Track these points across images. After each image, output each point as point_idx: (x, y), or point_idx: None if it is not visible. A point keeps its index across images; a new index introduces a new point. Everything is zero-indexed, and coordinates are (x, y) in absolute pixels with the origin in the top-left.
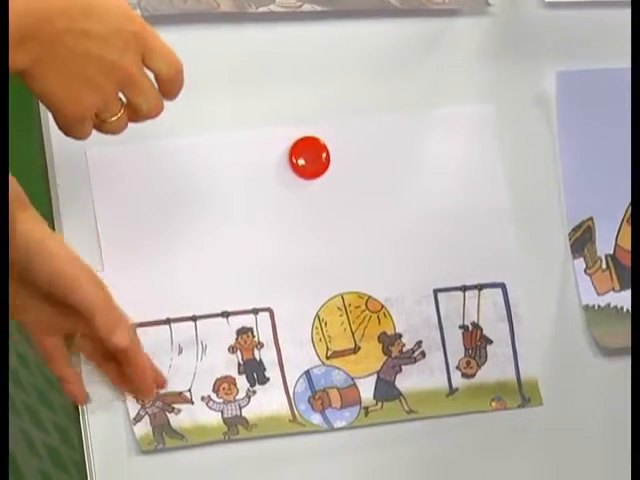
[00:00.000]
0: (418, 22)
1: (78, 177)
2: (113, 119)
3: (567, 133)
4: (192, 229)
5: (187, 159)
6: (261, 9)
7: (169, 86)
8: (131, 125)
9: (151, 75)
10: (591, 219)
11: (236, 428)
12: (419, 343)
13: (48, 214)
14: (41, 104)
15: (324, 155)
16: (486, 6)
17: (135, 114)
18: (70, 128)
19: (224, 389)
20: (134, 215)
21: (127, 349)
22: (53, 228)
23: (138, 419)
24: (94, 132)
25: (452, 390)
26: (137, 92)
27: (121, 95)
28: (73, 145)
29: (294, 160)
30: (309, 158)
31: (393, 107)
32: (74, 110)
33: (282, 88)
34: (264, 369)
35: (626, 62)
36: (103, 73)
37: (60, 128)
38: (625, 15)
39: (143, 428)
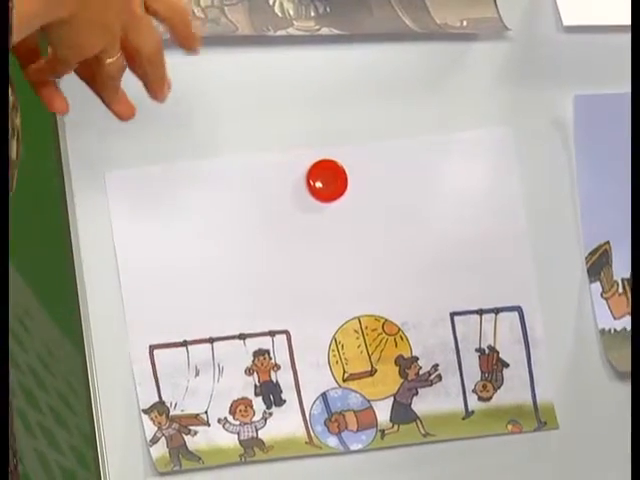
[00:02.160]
0: (436, 46)
1: (96, 200)
2: (110, 60)
3: (584, 157)
4: (209, 251)
5: (204, 182)
6: (279, 32)
7: (174, 26)
8: (149, 148)
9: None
10: (608, 243)
11: (252, 450)
12: (435, 366)
13: (66, 236)
14: (60, 123)
15: (342, 178)
16: (504, 30)
17: (135, 57)
18: (69, 67)
19: (240, 411)
20: (152, 237)
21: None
22: (71, 250)
23: (155, 441)
24: (111, 154)
25: (468, 413)
26: (139, 33)
27: None
28: (92, 167)
29: (312, 183)
30: (327, 181)
31: (411, 130)
32: (84, 52)
33: (300, 111)
34: (280, 391)
35: None
36: (114, 15)
37: (56, 63)
38: None
39: (160, 450)
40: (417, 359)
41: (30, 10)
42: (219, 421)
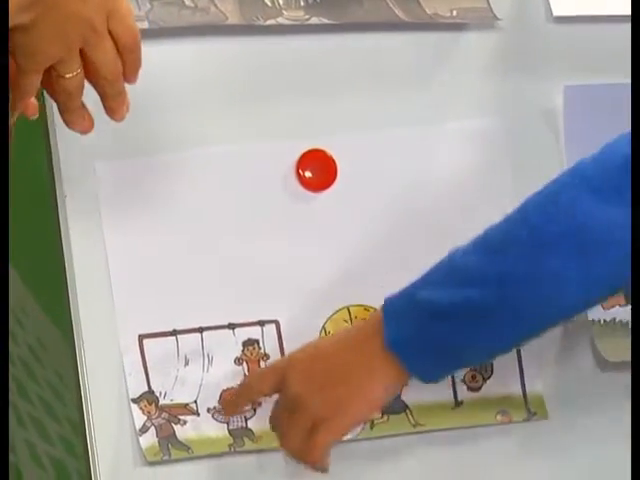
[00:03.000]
0: (426, 36)
1: (86, 189)
2: (69, 75)
3: (574, 147)
4: (199, 241)
5: (194, 172)
6: (269, 22)
7: (127, 51)
8: (138, 138)
9: None
10: None
11: (242, 440)
12: None
13: (56, 226)
14: (50, 113)
15: (331, 168)
16: (495, 20)
17: (93, 74)
18: (28, 78)
19: None
20: (141, 227)
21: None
22: (61, 240)
23: (144, 430)
24: (101, 144)
25: (458, 403)
26: (99, 51)
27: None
28: (81, 157)
29: (301, 172)
30: (316, 171)
31: (400, 120)
32: (39, 59)
33: (289, 100)
34: None
35: None
36: (73, 27)
37: (16, 76)
38: None
39: (149, 439)
40: None
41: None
42: (208, 411)
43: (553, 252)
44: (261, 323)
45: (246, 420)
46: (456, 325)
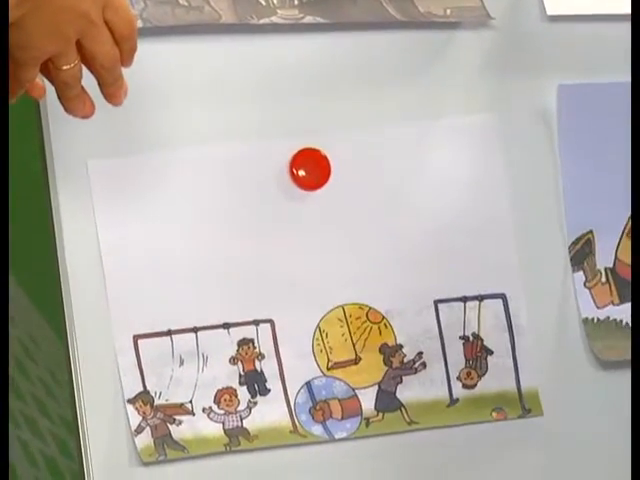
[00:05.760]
0: (420, 35)
1: (79, 188)
2: (66, 67)
3: (568, 146)
4: (193, 241)
5: (188, 171)
6: (263, 21)
7: (123, 40)
8: (132, 136)
9: None
10: (591, 232)
11: (237, 439)
12: (420, 354)
13: (49, 225)
14: (42, 112)
15: (325, 166)
16: (488, 19)
17: (90, 63)
18: (25, 70)
19: (225, 400)
20: (135, 226)
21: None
22: (54, 239)
23: (139, 430)
24: (94, 143)
25: (453, 401)
26: (95, 41)
27: None
28: (74, 155)
29: (295, 171)
30: (310, 169)
31: (394, 118)
32: (36, 54)
33: (283, 99)
34: (265, 380)
35: (627, 76)
36: (69, 21)
37: (13, 68)
38: (627, 29)
39: (144, 439)
40: (401, 347)
41: None
42: (204, 410)
43: None
44: (256, 322)
45: (242, 419)
46: None
